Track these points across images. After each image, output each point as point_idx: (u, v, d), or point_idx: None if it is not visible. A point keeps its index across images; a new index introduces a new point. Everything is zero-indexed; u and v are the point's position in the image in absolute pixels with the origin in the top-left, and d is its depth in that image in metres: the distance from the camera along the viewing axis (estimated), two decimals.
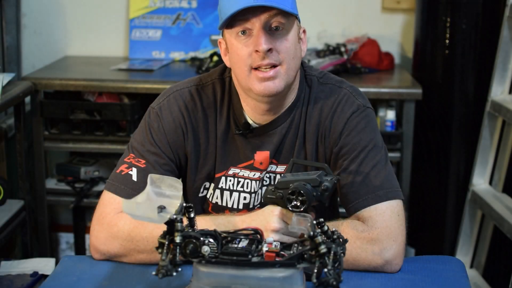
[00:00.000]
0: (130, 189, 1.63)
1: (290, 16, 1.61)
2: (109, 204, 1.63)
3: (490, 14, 2.85)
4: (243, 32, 1.60)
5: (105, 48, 3.40)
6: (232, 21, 1.59)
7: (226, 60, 1.71)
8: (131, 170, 1.66)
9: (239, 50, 1.60)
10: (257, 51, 1.58)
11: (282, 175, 1.51)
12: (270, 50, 1.58)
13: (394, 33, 3.31)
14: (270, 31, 1.59)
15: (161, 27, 3.30)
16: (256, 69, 1.60)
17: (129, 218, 1.57)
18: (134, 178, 1.65)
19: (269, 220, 1.49)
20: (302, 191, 1.43)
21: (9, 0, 3.15)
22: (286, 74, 1.62)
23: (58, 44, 3.40)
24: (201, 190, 1.77)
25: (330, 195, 1.49)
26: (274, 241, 1.37)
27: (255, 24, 1.58)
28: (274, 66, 1.60)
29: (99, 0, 3.37)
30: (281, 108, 1.70)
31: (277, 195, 1.48)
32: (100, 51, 3.40)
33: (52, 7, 3.37)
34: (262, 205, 1.64)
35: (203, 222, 1.50)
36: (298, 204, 1.45)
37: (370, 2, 3.30)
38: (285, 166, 1.71)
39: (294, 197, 1.45)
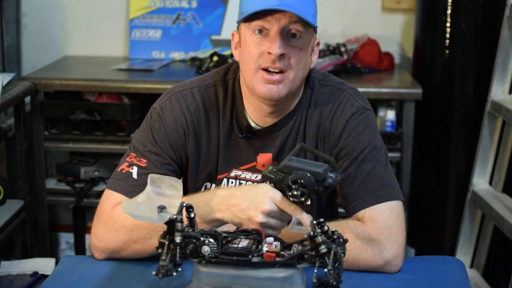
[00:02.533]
0: (129, 186, 1.64)
1: (309, 27, 1.62)
2: (106, 200, 1.64)
3: (490, 14, 2.86)
4: (260, 31, 1.60)
5: (105, 48, 3.40)
6: (252, 17, 1.59)
7: (236, 53, 1.71)
8: (132, 169, 1.66)
9: (252, 48, 1.61)
10: (269, 53, 1.58)
11: (288, 157, 1.47)
12: (282, 55, 1.59)
13: (394, 33, 3.31)
14: (287, 37, 1.60)
15: (161, 27, 3.30)
16: (263, 69, 1.61)
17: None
18: (135, 175, 1.65)
19: (261, 201, 1.44)
20: (304, 183, 1.39)
21: (9, 0, 3.15)
22: (292, 82, 1.62)
23: (58, 44, 3.40)
24: (202, 190, 1.77)
25: (328, 192, 1.46)
26: (274, 241, 1.38)
27: (274, 26, 1.58)
28: (282, 71, 1.60)
29: (99, 0, 3.37)
30: (284, 111, 1.71)
31: (278, 177, 1.43)
32: (100, 51, 3.40)
33: (52, 7, 3.37)
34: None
35: (190, 201, 1.46)
36: (298, 194, 1.40)
37: (370, 2, 3.30)
38: None
39: (296, 186, 1.40)
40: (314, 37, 1.68)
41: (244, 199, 1.46)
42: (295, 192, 1.40)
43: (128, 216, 1.52)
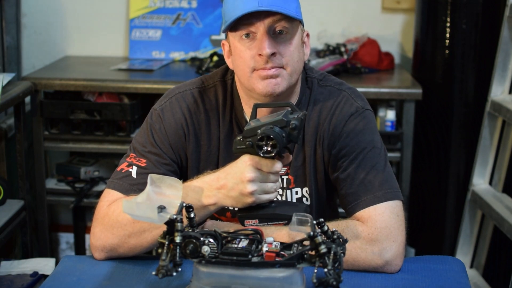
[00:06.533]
0: (127, 184, 1.64)
1: (294, 21, 1.61)
2: (104, 199, 1.65)
3: (490, 14, 2.86)
4: (247, 35, 1.60)
5: (105, 48, 3.40)
6: (236, 24, 1.59)
7: (229, 62, 1.71)
8: (131, 168, 1.67)
9: (243, 53, 1.61)
10: (260, 54, 1.58)
11: (247, 123, 1.48)
12: (273, 54, 1.59)
13: (394, 33, 3.31)
14: (274, 35, 1.60)
15: (161, 27, 3.30)
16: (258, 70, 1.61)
17: (118, 206, 1.58)
18: (133, 175, 1.66)
19: (243, 171, 1.48)
20: (271, 135, 1.41)
21: (9, 0, 3.15)
22: (289, 76, 1.62)
23: (58, 44, 3.40)
24: None
25: (300, 132, 1.47)
26: (274, 241, 1.38)
27: (259, 28, 1.58)
28: (277, 67, 1.60)
29: (99, 0, 3.37)
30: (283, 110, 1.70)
31: (247, 144, 1.46)
32: (100, 51, 3.40)
33: (52, 7, 3.37)
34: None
35: None
36: (269, 149, 1.43)
37: (370, 2, 3.30)
38: (285, 169, 1.72)
39: (264, 142, 1.43)
40: (302, 29, 1.68)
41: (229, 178, 1.49)
42: (267, 148, 1.42)
43: (122, 211, 1.53)
